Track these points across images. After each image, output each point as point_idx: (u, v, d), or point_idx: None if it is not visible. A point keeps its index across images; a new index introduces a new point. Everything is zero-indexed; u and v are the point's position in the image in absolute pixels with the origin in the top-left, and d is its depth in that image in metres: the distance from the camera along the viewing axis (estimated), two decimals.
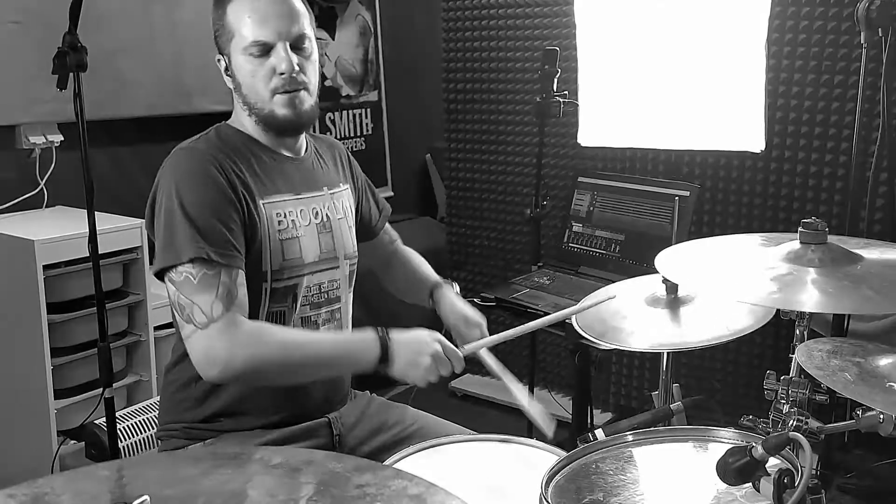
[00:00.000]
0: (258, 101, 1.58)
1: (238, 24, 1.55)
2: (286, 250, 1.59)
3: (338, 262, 1.71)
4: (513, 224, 3.49)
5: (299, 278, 1.62)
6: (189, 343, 1.47)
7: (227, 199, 1.52)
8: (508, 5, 3.36)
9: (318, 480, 0.98)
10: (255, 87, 1.57)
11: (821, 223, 1.40)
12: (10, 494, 0.93)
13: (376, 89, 4.29)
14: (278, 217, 1.59)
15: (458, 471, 1.48)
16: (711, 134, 2.57)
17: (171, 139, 2.41)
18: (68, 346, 2.46)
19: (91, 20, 2.12)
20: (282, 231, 1.59)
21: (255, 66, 1.56)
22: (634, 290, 1.79)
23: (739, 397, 3.02)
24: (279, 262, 1.58)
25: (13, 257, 2.41)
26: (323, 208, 1.69)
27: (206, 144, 1.59)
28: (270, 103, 1.58)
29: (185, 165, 1.54)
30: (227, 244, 1.49)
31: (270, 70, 1.56)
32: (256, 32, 1.54)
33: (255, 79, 1.57)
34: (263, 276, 1.57)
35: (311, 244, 1.64)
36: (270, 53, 1.56)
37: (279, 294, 1.60)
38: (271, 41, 1.55)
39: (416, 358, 1.51)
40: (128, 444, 2.36)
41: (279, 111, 1.58)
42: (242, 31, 1.55)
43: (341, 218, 1.74)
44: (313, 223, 1.66)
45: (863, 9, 2.28)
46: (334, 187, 1.76)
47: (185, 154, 1.56)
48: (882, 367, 1.24)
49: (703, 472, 1.21)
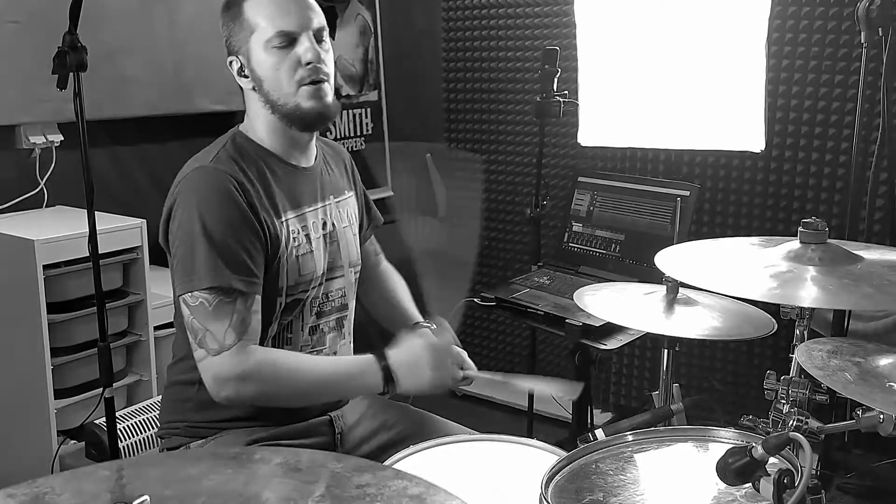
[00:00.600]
0: (282, 95, 1.55)
1: (259, 17, 1.53)
2: (302, 266, 1.59)
3: (343, 270, 1.71)
4: (513, 224, 3.49)
5: (310, 290, 1.62)
6: (201, 366, 1.49)
7: (249, 223, 1.49)
8: (508, 5, 3.36)
9: (318, 480, 0.98)
10: (279, 81, 1.54)
11: (821, 223, 1.40)
12: (10, 494, 0.93)
13: (376, 89, 4.28)
14: (293, 234, 1.58)
15: (458, 471, 1.48)
16: (711, 134, 2.57)
17: (171, 139, 2.40)
18: (68, 346, 2.45)
19: (91, 20, 2.11)
20: (298, 247, 1.58)
21: (279, 58, 1.53)
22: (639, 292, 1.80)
23: (739, 397, 3.02)
24: (295, 277, 1.58)
25: (13, 257, 2.40)
26: (329, 218, 1.68)
27: (226, 162, 1.54)
28: (296, 96, 1.55)
29: (207, 188, 1.50)
30: (248, 271, 1.48)
31: (295, 61, 1.54)
32: (280, 23, 1.52)
33: (280, 71, 1.54)
34: (279, 291, 1.57)
35: (320, 256, 1.64)
36: (294, 45, 1.53)
37: (289, 306, 1.60)
38: (296, 31, 1.53)
39: (418, 371, 1.51)
40: (128, 444, 2.36)
41: (305, 104, 1.55)
42: (264, 23, 1.52)
43: (346, 226, 1.74)
44: (322, 234, 1.65)
45: (863, 9, 2.27)
46: (340, 195, 1.75)
47: (206, 175, 1.52)
48: (882, 367, 1.24)
49: (703, 472, 1.21)
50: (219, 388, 1.47)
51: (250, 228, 1.49)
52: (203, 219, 1.47)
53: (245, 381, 1.47)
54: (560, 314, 2.27)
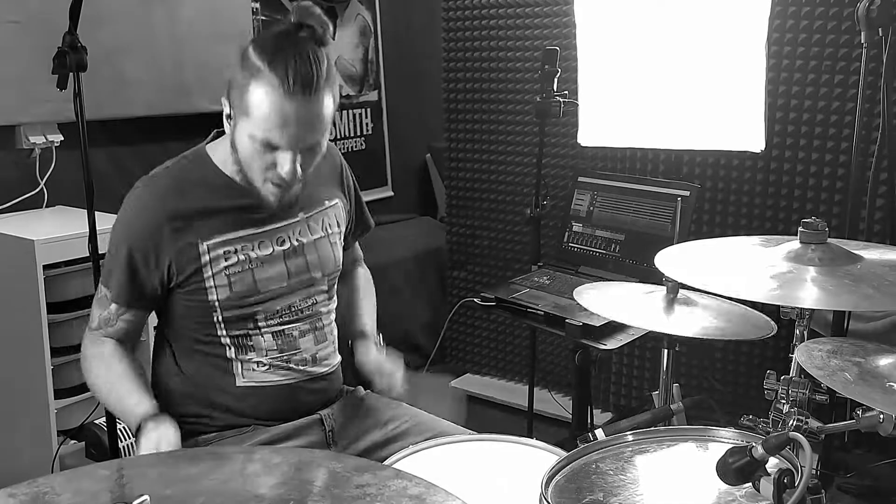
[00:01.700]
0: (250, 173, 1.57)
1: (256, 110, 1.46)
2: (234, 284, 1.61)
3: (313, 280, 1.72)
4: (513, 224, 3.49)
5: (259, 305, 1.64)
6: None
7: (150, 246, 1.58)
8: (508, 5, 3.36)
9: (318, 480, 0.98)
10: (251, 166, 1.55)
11: (821, 223, 1.40)
12: (10, 494, 0.93)
13: (376, 89, 4.29)
14: (226, 255, 1.61)
15: (458, 471, 1.48)
16: (711, 134, 2.57)
17: (171, 139, 2.41)
18: (68, 346, 2.46)
19: (91, 20, 2.11)
20: (229, 266, 1.61)
21: (258, 153, 1.51)
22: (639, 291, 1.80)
23: (739, 397, 3.02)
24: (226, 294, 1.61)
25: (13, 257, 2.41)
26: (293, 235, 1.68)
27: (163, 179, 1.63)
28: (262, 185, 1.57)
29: (131, 199, 1.62)
30: (119, 285, 1.61)
31: (272, 163, 1.52)
32: (270, 133, 1.47)
33: (253, 161, 1.53)
34: (211, 306, 1.61)
35: (272, 271, 1.65)
36: (277, 151, 1.50)
37: (236, 321, 1.64)
38: (283, 147, 1.49)
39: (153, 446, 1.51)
40: (128, 444, 2.36)
41: (266, 195, 1.59)
42: (258, 120, 1.46)
43: (321, 237, 1.73)
44: (277, 251, 1.66)
45: (863, 9, 2.27)
46: (315, 207, 1.73)
47: (138, 187, 1.63)
48: (882, 367, 1.24)
49: (703, 472, 1.21)
50: (81, 356, 1.69)
51: (150, 252, 1.58)
52: (117, 226, 1.64)
53: (84, 359, 1.68)
54: (560, 314, 2.27)
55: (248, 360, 1.66)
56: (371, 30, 4.21)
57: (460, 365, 3.74)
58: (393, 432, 1.75)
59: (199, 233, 1.59)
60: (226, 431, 1.67)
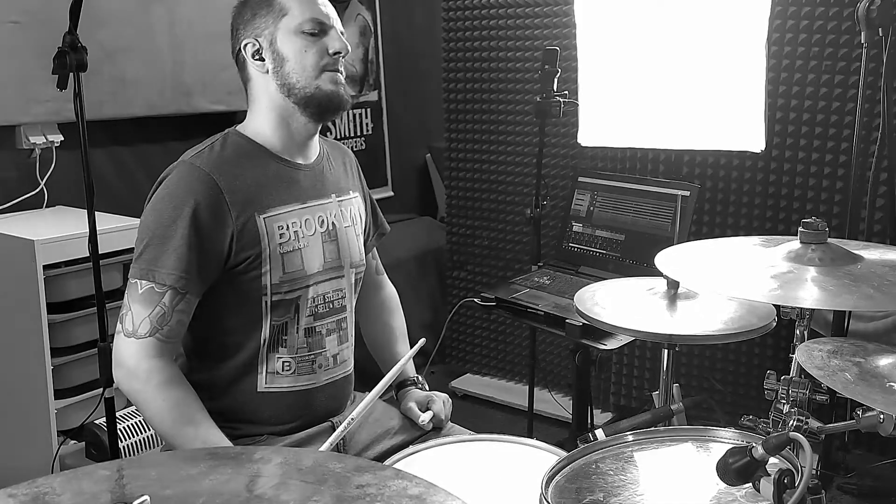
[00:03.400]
0: (303, 77, 1.60)
1: (291, 3, 1.60)
2: (286, 263, 1.58)
3: (343, 270, 1.70)
4: (513, 224, 3.49)
5: (303, 290, 1.62)
6: (115, 339, 1.54)
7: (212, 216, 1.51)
8: (508, 5, 3.36)
9: (319, 480, 0.98)
10: (303, 63, 1.59)
11: (821, 223, 1.40)
12: (10, 494, 0.93)
13: (376, 89, 4.29)
14: (280, 230, 1.58)
15: (458, 471, 1.48)
16: (711, 134, 2.57)
17: (171, 139, 2.40)
18: (68, 346, 2.45)
19: (91, 20, 2.12)
20: (283, 244, 1.58)
21: (309, 42, 1.59)
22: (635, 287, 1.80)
23: (739, 397, 3.02)
24: (279, 275, 1.58)
25: (13, 257, 2.40)
26: (329, 216, 1.68)
27: (207, 158, 1.57)
28: (317, 80, 1.60)
29: (175, 183, 1.54)
30: (187, 266, 1.49)
31: (323, 49, 1.60)
32: (315, 10, 1.61)
33: (307, 54, 1.59)
34: (263, 289, 1.57)
35: (315, 254, 1.64)
36: (322, 34, 1.61)
37: (281, 307, 1.60)
38: (328, 23, 1.62)
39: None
40: (128, 444, 2.36)
41: (326, 86, 1.61)
42: (297, 10, 1.59)
43: (348, 226, 1.73)
44: (318, 232, 1.65)
45: (863, 9, 2.27)
46: (343, 194, 1.75)
47: (178, 172, 1.55)
48: (882, 367, 1.24)
49: (703, 472, 1.21)
50: (115, 368, 1.54)
51: (201, 230, 1.51)
52: (161, 206, 1.52)
53: (131, 377, 1.51)
54: (560, 314, 2.27)
55: (276, 359, 1.62)
56: (371, 30, 4.20)
57: (460, 365, 3.74)
58: (404, 442, 1.73)
59: (256, 205, 1.57)
60: (237, 441, 1.61)
